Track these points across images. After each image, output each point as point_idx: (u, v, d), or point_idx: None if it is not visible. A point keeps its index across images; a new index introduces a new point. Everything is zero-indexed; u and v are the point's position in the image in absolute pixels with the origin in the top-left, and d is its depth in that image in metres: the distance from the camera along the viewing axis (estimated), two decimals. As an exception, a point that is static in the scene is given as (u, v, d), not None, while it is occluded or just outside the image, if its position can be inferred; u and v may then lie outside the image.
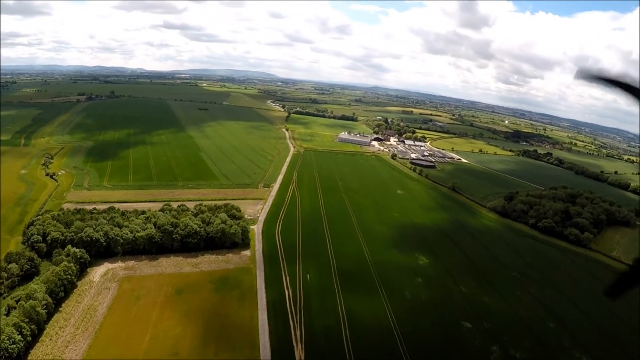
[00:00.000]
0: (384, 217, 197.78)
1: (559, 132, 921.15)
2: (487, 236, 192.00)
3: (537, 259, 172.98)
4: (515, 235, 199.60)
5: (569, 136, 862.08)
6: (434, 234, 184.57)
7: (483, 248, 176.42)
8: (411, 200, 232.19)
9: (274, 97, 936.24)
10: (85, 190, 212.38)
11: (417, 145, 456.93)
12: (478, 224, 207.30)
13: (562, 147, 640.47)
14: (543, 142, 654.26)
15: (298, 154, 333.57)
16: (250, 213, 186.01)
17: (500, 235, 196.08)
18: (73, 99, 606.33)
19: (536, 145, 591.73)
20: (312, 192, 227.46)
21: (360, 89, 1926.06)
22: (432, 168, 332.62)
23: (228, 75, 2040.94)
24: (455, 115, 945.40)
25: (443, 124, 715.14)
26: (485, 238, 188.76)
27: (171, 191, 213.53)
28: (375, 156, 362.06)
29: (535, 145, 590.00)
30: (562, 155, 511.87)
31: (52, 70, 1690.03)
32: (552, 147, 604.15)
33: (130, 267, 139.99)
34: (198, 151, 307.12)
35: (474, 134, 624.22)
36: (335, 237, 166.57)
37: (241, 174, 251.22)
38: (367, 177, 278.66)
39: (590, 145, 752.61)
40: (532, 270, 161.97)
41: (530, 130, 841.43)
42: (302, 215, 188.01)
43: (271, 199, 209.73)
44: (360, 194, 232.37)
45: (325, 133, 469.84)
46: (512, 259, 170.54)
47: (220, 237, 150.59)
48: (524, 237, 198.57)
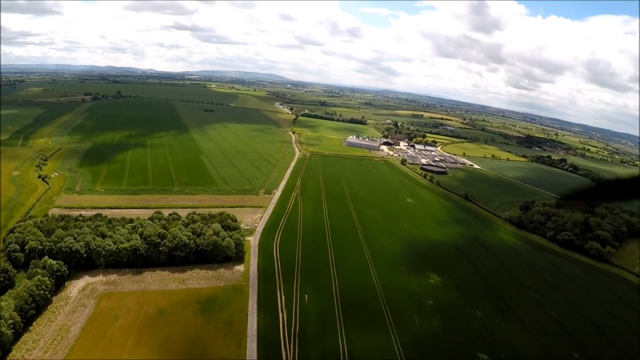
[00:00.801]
0: (392, 229, 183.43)
1: (570, 138, 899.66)
2: (504, 251, 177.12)
3: (558, 277, 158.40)
4: (533, 250, 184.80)
5: (581, 141, 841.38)
6: (446, 249, 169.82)
7: (499, 265, 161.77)
8: (422, 210, 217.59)
9: (283, 99, 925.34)
10: (76, 195, 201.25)
11: (427, 150, 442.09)
12: (493, 238, 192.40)
13: (576, 152, 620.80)
14: (556, 148, 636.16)
15: (303, 158, 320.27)
16: (248, 222, 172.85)
17: (518, 251, 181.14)
18: (78, 98, 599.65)
19: (549, 151, 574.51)
20: (316, 200, 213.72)
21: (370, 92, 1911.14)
22: (444, 174, 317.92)
23: (238, 77, 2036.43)
24: (466, 120, 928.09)
25: (454, 129, 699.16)
26: (502, 253, 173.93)
27: (165, 197, 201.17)
28: (384, 161, 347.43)
29: (548, 151, 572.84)
30: (576, 161, 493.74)
31: (63, 69, 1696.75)
32: (565, 153, 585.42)
33: (111, 281, 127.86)
34: (199, 154, 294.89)
35: (485, 139, 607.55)
36: (338, 251, 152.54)
37: (242, 179, 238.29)
38: (375, 184, 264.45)
39: (603, 151, 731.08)
40: (553, 290, 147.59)
41: (542, 135, 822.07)
42: (304, 226, 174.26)
43: (272, 206, 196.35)
44: (368, 203, 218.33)
45: (333, 136, 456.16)
46: (531, 277, 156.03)
47: (212, 251, 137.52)
48: (542, 252, 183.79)
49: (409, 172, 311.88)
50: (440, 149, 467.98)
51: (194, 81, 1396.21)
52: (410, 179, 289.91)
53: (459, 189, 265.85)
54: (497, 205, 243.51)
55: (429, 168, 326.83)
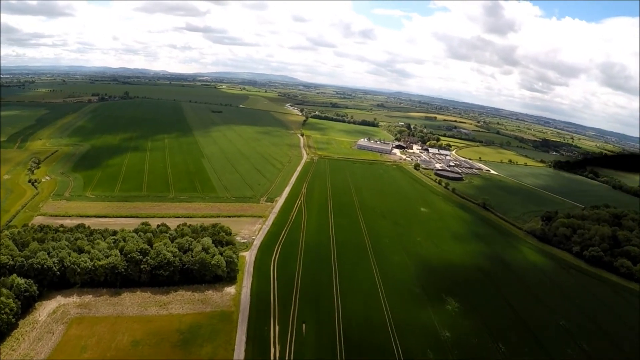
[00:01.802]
0: (405, 243, 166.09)
1: (586, 142, 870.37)
2: (528, 271, 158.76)
3: (587, 300, 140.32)
4: (559, 268, 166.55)
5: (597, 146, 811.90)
6: (465, 269, 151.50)
7: (524, 287, 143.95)
8: (437, 221, 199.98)
9: (294, 101, 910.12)
10: (64, 201, 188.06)
11: (441, 154, 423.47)
12: (516, 255, 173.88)
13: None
14: (573, 152, 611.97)
15: (311, 162, 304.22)
16: (245, 235, 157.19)
17: (543, 269, 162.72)
18: (85, 99, 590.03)
19: (567, 156, 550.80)
20: (321, 208, 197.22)
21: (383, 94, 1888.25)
22: (459, 180, 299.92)
23: (250, 79, 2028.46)
24: (480, 122, 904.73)
25: (468, 132, 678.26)
26: (526, 273, 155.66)
27: (158, 205, 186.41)
28: (397, 166, 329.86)
29: (566, 156, 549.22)
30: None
31: (76, 71, 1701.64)
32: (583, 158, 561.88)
33: (85, 303, 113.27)
34: (200, 157, 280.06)
35: (501, 143, 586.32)
36: (344, 270, 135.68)
37: (243, 185, 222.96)
38: (387, 191, 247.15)
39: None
40: (582, 316, 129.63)
41: (558, 139, 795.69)
42: (307, 239, 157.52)
43: (273, 216, 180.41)
44: (378, 212, 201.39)
45: (343, 139, 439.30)
46: (559, 301, 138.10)
47: (199, 270, 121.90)
48: (569, 270, 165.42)
49: (422, 177, 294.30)
50: (455, 153, 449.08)
51: (204, 82, 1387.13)
52: (424, 185, 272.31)
53: (476, 198, 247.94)
54: (518, 215, 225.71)
55: (444, 174, 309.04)
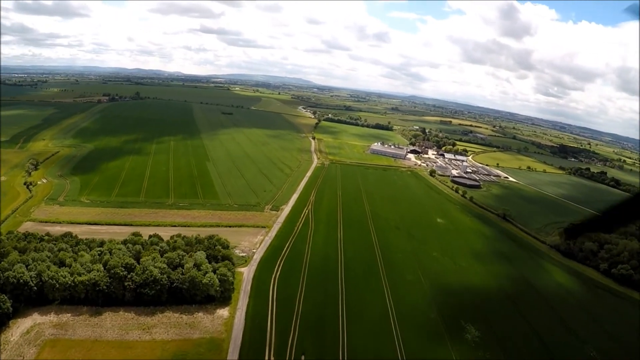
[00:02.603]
0: (420, 259, 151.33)
1: (603, 148, 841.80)
2: (553, 292, 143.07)
3: (618, 326, 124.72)
4: (585, 288, 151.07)
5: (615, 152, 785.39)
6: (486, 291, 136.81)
7: (550, 312, 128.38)
8: (454, 234, 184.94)
9: (307, 103, 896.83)
10: (56, 206, 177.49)
11: (458, 160, 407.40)
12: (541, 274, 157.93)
13: (613, 164, 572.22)
14: (592, 159, 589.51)
15: (322, 167, 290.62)
16: (245, 247, 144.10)
17: (570, 291, 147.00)
18: (95, 99, 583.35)
19: (585, 162, 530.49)
20: (330, 219, 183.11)
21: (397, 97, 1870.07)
22: (477, 188, 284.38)
23: (264, 81, 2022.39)
24: (496, 127, 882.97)
25: (484, 136, 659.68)
26: (553, 296, 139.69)
27: (155, 212, 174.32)
28: (411, 172, 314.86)
29: (585, 162, 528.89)
30: (615, 174, 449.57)
31: (91, 71, 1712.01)
32: (602, 165, 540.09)
33: (62, 323, 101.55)
34: (205, 161, 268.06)
35: (518, 148, 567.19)
36: (352, 291, 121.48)
37: (248, 192, 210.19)
38: (401, 199, 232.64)
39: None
40: (614, 344, 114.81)
41: (575, 144, 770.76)
42: (312, 255, 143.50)
43: (277, 226, 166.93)
44: (391, 223, 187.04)
45: (356, 143, 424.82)
46: (587, 327, 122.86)
47: (189, 289, 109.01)
48: (596, 290, 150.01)
49: (438, 185, 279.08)
50: (472, 159, 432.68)
51: (218, 84, 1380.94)
52: (440, 193, 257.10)
53: (495, 208, 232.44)
54: (539, 227, 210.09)
55: (461, 181, 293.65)
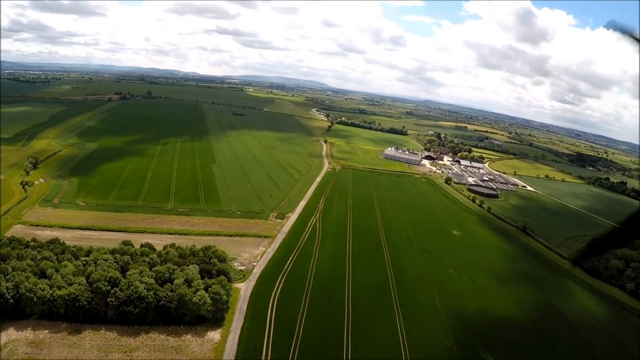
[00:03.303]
0: (435, 277, 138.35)
1: (620, 156, 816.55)
2: (580, 320, 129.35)
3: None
4: (611, 310, 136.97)
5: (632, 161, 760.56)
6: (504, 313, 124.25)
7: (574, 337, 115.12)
8: (472, 248, 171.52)
9: (320, 106, 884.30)
10: (50, 208, 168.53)
11: (474, 167, 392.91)
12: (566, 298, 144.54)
13: (632, 174, 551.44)
14: (610, 168, 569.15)
15: (332, 172, 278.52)
16: (245, 260, 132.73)
17: (597, 315, 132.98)
18: (106, 97, 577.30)
19: (604, 172, 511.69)
20: (339, 229, 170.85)
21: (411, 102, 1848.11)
22: (494, 198, 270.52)
23: (279, 83, 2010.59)
24: (512, 134, 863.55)
25: (500, 143, 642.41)
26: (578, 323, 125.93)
27: (152, 217, 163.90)
28: (426, 179, 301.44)
29: (603, 172, 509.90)
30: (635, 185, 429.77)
31: (106, 69, 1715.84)
32: (621, 174, 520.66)
33: (39, 341, 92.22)
34: (211, 163, 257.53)
35: (535, 156, 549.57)
36: (359, 314, 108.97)
37: (253, 197, 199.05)
38: (415, 208, 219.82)
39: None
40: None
41: (592, 153, 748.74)
42: (317, 271, 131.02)
43: (281, 237, 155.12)
44: (404, 235, 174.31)
45: (369, 147, 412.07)
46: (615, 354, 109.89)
47: (177, 308, 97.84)
48: (623, 312, 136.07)
49: (454, 193, 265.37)
50: (488, 166, 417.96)
51: (232, 85, 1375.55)
52: (457, 202, 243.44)
53: (515, 220, 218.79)
54: (561, 241, 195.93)
55: (478, 189, 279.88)
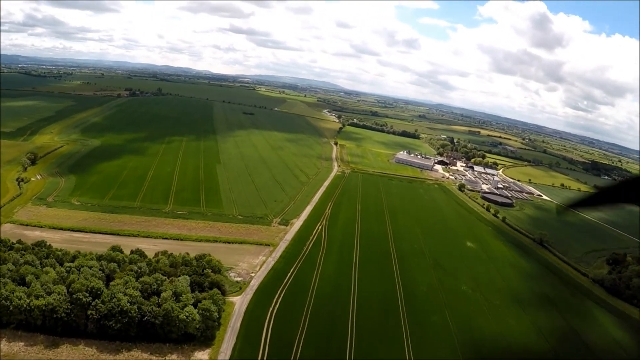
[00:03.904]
0: (447, 294, 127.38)
1: (634, 165, 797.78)
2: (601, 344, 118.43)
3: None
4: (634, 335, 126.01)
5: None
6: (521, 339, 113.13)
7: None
8: (487, 264, 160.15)
9: (332, 107, 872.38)
10: (43, 207, 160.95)
11: (488, 174, 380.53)
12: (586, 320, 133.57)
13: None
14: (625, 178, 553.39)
15: (342, 175, 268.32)
16: (243, 270, 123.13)
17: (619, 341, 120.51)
18: (115, 93, 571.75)
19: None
20: (345, 239, 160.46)
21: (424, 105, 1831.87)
22: (509, 207, 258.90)
23: (292, 83, 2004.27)
24: (525, 140, 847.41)
25: (514, 149, 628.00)
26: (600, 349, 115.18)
27: (148, 220, 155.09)
28: (439, 185, 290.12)
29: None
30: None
31: (120, 66, 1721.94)
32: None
33: (13, 353, 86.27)
34: (215, 163, 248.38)
35: (550, 163, 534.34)
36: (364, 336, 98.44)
37: (256, 201, 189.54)
38: (427, 217, 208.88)
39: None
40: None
41: (606, 161, 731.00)
42: (320, 285, 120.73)
43: (283, 245, 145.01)
44: (415, 246, 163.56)
45: (380, 151, 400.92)
46: None
47: (163, 324, 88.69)
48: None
49: (468, 201, 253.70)
50: (502, 173, 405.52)
51: (244, 84, 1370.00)
52: (470, 211, 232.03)
53: (531, 231, 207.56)
54: (579, 255, 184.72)
55: (492, 198, 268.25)
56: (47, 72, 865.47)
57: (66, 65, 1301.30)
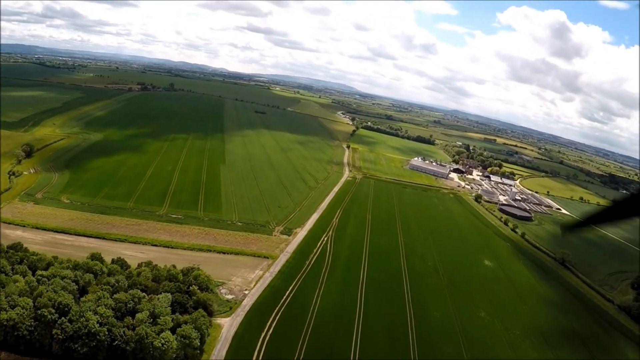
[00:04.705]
0: (463, 321, 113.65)
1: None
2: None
3: None
4: None
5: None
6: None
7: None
8: (506, 285, 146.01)
9: (347, 109, 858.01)
10: (30, 204, 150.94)
11: (505, 184, 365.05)
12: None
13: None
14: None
15: (353, 181, 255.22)
16: (235, 285, 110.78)
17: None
18: (127, 87, 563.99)
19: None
20: (353, 252, 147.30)
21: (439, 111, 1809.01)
22: (528, 221, 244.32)
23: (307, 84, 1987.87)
24: (541, 149, 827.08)
25: (530, 159, 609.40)
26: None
27: (139, 223, 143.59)
28: (454, 195, 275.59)
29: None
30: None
31: (136, 60, 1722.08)
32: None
33: None
34: (220, 164, 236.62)
35: (567, 175, 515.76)
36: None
37: (259, 206, 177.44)
38: (442, 230, 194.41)
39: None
40: None
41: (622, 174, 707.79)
42: (322, 307, 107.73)
43: (284, 258, 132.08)
44: (429, 263, 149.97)
45: (394, 156, 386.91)
46: None
47: (135, 352, 76.77)
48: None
49: (485, 214, 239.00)
50: (519, 183, 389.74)
51: (259, 82, 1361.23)
52: (488, 225, 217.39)
53: (552, 249, 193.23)
54: (602, 277, 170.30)
55: (510, 210, 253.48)
56: (62, 63, 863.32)
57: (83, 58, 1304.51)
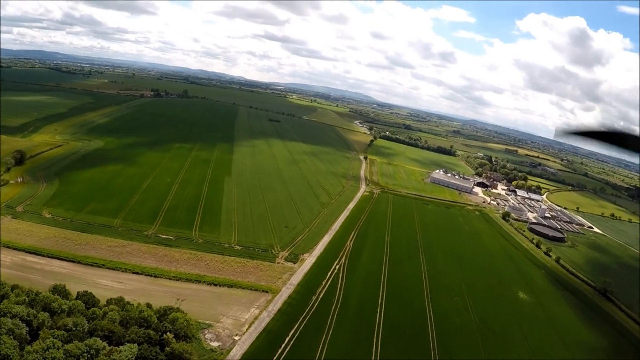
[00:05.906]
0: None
1: None
2: None
3: None
4: None
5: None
6: None
7: None
8: (545, 325, 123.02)
9: (364, 118, 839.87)
10: (8, 217, 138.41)
11: (532, 199, 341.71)
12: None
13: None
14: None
15: (370, 196, 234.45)
16: (224, 330, 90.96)
17: None
18: (139, 93, 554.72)
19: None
20: (368, 286, 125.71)
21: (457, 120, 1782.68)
22: (561, 242, 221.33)
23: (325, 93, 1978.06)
24: (564, 161, 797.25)
25: (555, 171, 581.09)
26: None
27: (123, 245, 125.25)
28: (480, 212, 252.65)
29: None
30: None
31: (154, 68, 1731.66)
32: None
33: None
34: (225, 176, 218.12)
35: (594, 188, 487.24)
36: None
37: (263, 226, 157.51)
38: (469, 256, 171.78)
39: None
40: None
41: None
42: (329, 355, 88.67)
43: (287, 292, 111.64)
44: (456, 296, 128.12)
45: (414, 168, 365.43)
46: None
47: None
48: None
49: (514, 234, 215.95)
50: (547, 198, 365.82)
51: (275, 91, 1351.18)
52: (519, 248, 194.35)
53: (592, 277, 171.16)
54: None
55: (541, 230, 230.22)
56: (79, 69, 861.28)
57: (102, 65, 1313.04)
